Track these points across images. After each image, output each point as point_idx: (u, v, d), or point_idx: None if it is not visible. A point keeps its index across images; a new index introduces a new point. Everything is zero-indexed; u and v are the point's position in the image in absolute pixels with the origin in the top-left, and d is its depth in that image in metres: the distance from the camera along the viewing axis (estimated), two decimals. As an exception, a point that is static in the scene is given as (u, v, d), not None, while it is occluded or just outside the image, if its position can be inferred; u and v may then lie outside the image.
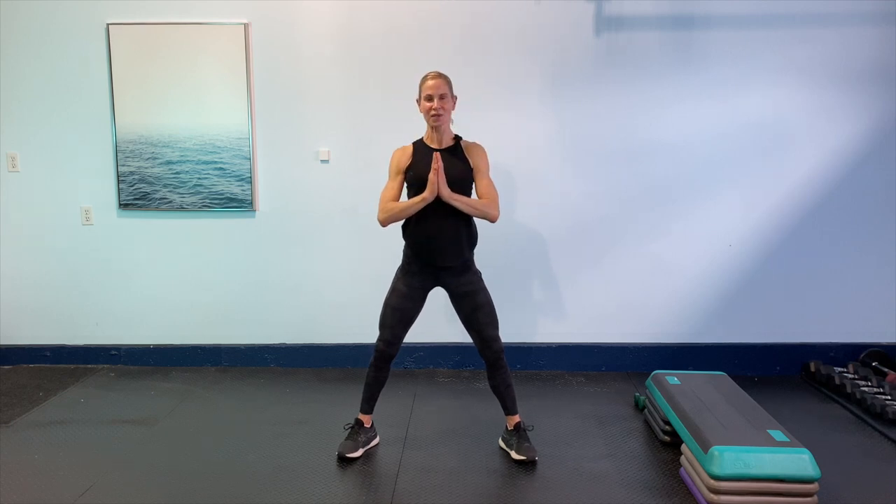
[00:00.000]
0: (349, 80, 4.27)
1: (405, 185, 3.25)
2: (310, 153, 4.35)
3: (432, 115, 3.15)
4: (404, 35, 4.22)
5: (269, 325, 4.50)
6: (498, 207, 3.20)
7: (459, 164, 3.19)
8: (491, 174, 3.27)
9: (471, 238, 3.25)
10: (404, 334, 3.30)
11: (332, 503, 2.89)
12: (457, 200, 3.11)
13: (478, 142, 3.30)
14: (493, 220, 3.20)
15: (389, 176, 3.27)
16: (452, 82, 3.22)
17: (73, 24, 4.26)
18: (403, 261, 3.31)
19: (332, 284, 4.45)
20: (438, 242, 3.16)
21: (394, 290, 3.28)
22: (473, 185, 3.25)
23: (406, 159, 3.23)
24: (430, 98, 3.15)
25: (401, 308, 3.25)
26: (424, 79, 3.19)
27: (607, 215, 4.33)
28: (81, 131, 4.36)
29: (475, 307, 3.23)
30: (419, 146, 3.26)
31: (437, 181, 3.05)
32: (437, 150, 3.19)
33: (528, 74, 4.23)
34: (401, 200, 3.23)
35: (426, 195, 3.08)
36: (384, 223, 3.21)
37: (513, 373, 3.45)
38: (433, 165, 3.05)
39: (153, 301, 4.50)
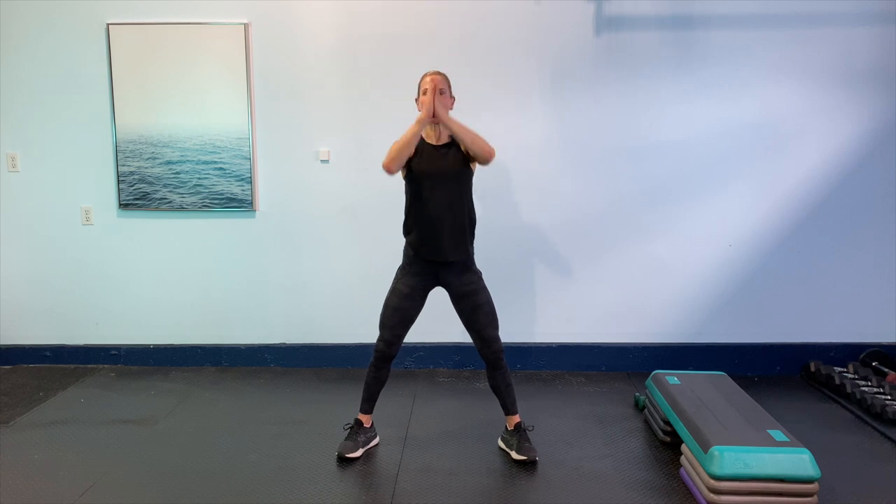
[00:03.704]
0: (349, 80, 4.27)
1: (406, 179, 3.23)
2: (310, 153, 4.35)
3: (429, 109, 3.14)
4: (404, 35, 4.22)
5: (269, 325, 4.50)
6: (490, 146, 3.10)
7: (458, 159, 3.20)
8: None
9: (472, 228, 3.26)
10: (404, 334, 3.30)
11: (332, 503, 2.89)
12: (453, 122, 3.07)
13: None
14: (488, 155, 3.09)
15: None
16: (452, 83, 3.23)
17: (73, 24, 4.26)
18: (404, 261, 3.31)
19: (332, 284, 4.45)
20: (442, 233, 3.16)
21: (394, 290, 3.28)
22: (471, 181, 3.25)
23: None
24: (426, 93, 3.15)
25: (401, 308, 3.25)
26: (424, 76, 3.21)
27: (607, 215, 4.33)
28: (81, 131, 4.37)
29: (475, 307, 3.23)
30: (420, 142, 3.25)
31: (432, 101, 3.04)
32: (436, 146, 3.20)
33: (528, 74, 4.23)
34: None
35: (421, 116, 3.07)
36: (389, 165, 3.08)
37: (513, 373, 3.45)
38: (428, 88, 3.05)
39: (153, 301, 4.50)
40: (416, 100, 3.24)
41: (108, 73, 4.30)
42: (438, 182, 3.15)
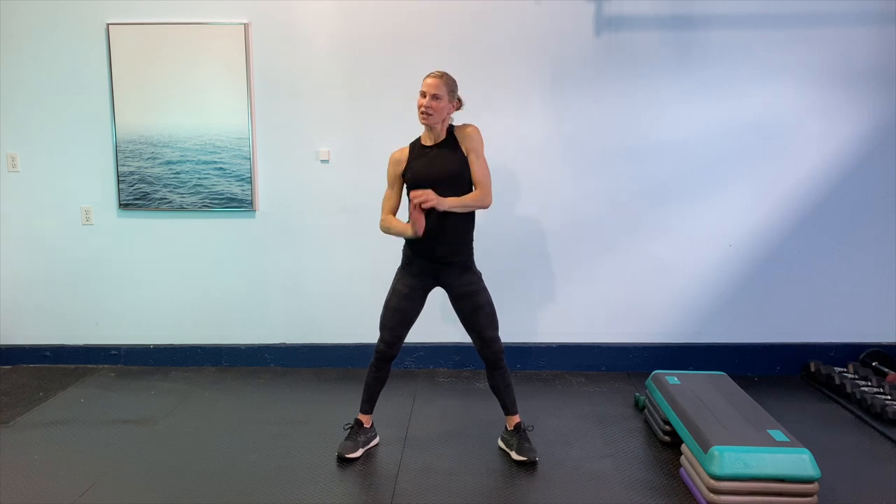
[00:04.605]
0: (349, 80, 4.27)
1: (405, 186, 3.25)
2: (310, 153, 4.35)
3: (420, 113, 3.14)
4: (404, 35, 4.22)
5: (269, 325, 4.50)
6: (490, 193, 3.19)
7: (455, 158, 3.18)
8: (491, 174, 3.25)
9: (471, 230, 3.26)
10: (405, 335, 3.30)
11: (332, 503, 2.89)
12: (453, 207, 3.11)
13: (469, 122, 3.27)
14: (486, 208, 3.21)
15: (388, 183, 3.28)
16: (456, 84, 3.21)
17: (73, 24, 4.26)
18: (403, 261, 3.31)
19: (332, 284, 4.45)
20: (440, 239, 3.16)
21: (394, 291, 3.28)
22: (470, 181, 3.24)
23: (402, 162, 3.23)
24: (423, 95, 3.15)
25: (401, 309, 3.25)
26: (426, 77, 3.19)
27: (607, 215, 4.33)
28: (81, 131, 4.36)
29: (475, 307, 3.23)
30: (415, 146, 3.26)
31: (419, 219, 3.07)
32: (431, 147, 3.20)
33: (528, 74, 4.22)
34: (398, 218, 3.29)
35: (414, 233, 3.10)
36: (384, 232, 3.27)
37: (513, 373, 3.45)
38: (413, 200, 3.04)
39: (153, 301, 4.50)
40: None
41: (108, 73, 4.30)
42: (437, 185, 3.12)
